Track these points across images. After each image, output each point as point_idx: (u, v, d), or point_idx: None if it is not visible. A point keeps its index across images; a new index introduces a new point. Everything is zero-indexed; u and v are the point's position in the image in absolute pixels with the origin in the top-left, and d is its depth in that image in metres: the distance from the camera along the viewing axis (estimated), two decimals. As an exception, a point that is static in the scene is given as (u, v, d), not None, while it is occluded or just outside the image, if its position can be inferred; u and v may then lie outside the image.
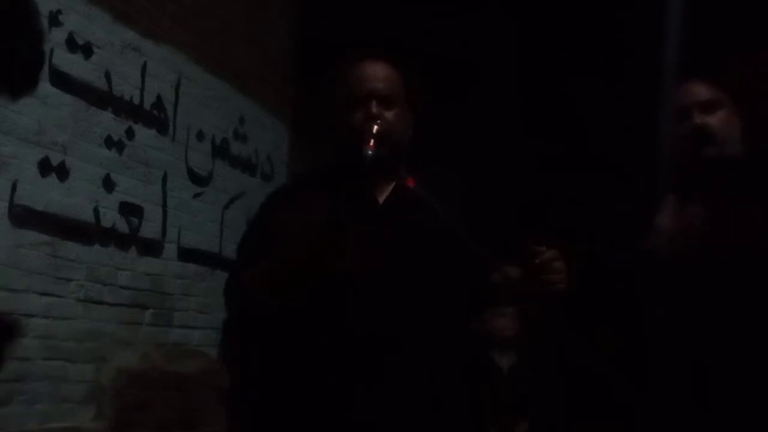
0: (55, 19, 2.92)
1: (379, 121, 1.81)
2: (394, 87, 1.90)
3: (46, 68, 2.88)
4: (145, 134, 3.45)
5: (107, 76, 3.22)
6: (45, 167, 2.89)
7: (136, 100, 3.42)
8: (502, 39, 4.19)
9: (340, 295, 1.77)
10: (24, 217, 2.79)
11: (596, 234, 2.10)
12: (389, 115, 1.85)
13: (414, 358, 1.77)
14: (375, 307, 1.77)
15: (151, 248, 3.49)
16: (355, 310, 1.77)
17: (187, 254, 3.70)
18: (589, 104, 3.63)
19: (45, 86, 2.89)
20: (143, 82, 3.46)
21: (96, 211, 3.15)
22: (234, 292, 1.92)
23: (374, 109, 1.83)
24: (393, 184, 1.90)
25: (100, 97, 3.17)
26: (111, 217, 3.24)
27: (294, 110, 4.68)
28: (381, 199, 1.91)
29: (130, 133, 3.35)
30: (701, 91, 2.02)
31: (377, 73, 1.89)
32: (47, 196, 2.90)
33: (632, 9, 3.30)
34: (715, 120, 1.99)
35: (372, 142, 1.77)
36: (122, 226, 3.31)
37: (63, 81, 2.97)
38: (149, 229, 3.48)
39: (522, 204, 3.93)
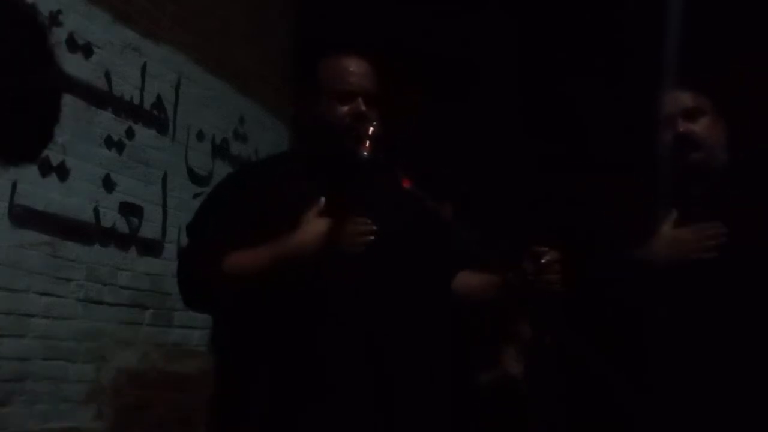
0: (55, 19, 2.92)
1: (375, 123, 1.82)
2: (376, 87, 1.90)
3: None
4: (145, 134, 3.45)
5: (107, 76, 3.22)
6: (45, 167, 2.89)
7: (136, 100, 3.42)
8: (502, 39, 4.19)
9: (322, 291, 1.77)
10: (24, 217, 2.79)
11: (596, 234, 2.10)
12: (374, 115, 1.86)
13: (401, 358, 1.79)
14: (358, 304, 1.78)
15: (151, 248, 3.49)
16: (338, 307, 1.77)
17: (187, 254, 3.70)
18: (589, 104, 3.63)
19: (45, 86, 2.90)
20: (143, 82, 3.46)
21: (96, 211, 3.15)
22: (205, 276, 1.78)
23: (363, 107, 1.84)
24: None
25: (100, 97, 3.17)
26: (111, 217, 3.24)
27: (294, 110, 4.68)
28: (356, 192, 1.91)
29: (130, 133, 3.35)
30: (684, 99, 2.04)
31: (363, 71, 1.88)
32: (47, 196, 2.90)
33: (632, 9, 3.30)
34: (699, 127, 2.00)
35: (368, 143, 1.78)
36: (122, 226, 3.31)
37: (63, 81, 2.97)
38: (149, 229, 3.48)
39: (522, 204, 3.94)
